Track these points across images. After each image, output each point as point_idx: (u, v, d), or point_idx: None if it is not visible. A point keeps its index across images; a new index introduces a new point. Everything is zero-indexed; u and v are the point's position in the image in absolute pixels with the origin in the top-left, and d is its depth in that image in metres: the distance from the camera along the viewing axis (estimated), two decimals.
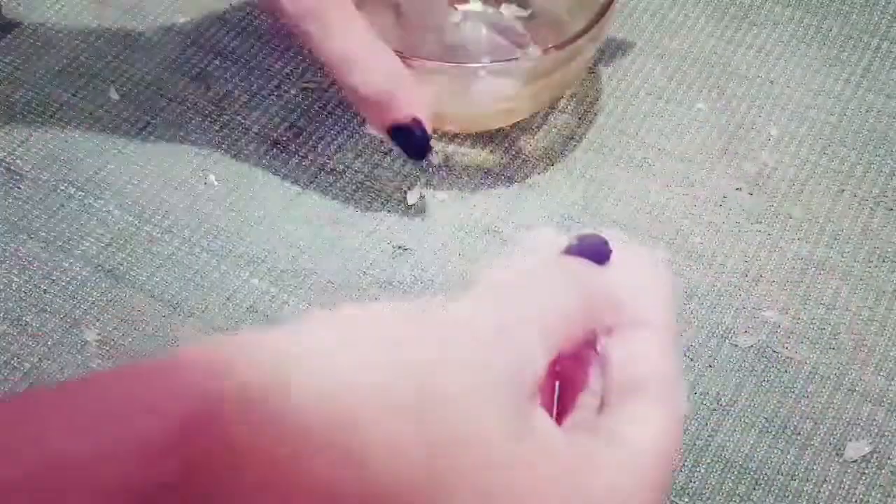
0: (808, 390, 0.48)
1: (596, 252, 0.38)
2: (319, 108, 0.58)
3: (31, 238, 0.53)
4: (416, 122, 0.51)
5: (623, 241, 0.39)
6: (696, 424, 0.47)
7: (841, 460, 0.46)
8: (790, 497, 0.45)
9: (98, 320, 0.50)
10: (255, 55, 0.61)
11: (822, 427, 0.47)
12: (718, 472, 0.46)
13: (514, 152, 0.57)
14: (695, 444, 0.47)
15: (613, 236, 0.39)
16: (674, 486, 0.46)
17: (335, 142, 0.57)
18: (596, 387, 0.34)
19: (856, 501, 0.45)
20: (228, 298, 0.52)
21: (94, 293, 0.51)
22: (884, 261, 0.53)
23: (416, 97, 0.51)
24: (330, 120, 0.58)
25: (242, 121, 0.58)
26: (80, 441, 0.26)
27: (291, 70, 0.60)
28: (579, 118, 0.58)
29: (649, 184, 0.56)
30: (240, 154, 0.56)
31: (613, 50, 0.61)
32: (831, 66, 0.60)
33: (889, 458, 0.46)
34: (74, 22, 0.61)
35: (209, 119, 0.58)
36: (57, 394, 0.27)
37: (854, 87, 0.59)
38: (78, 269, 0.52)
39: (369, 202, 0.55)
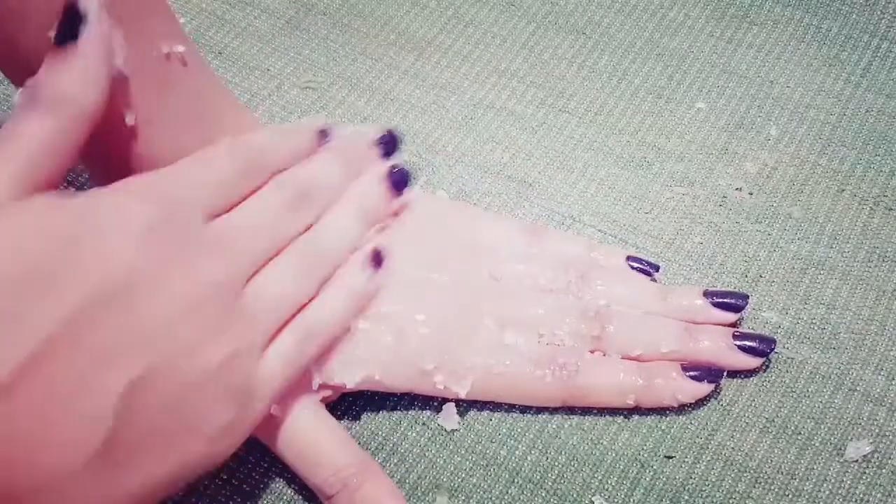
0: (809, 390, 0.48)
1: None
2: (319, 108, 0.59)
3: None
4: None
5: None
6: (696, 423, 0.47)
7: (841, 460, 0.46)
8: (790, 496, 0.45)
9: None
10: (255, 55, 0.61)
11: (822, 427, 0.47)
12: (718, 470, 0.46)
13: (513, 152, 0.57)
14: (694, 442, 0.47)
15: None
16: (672, 483, 0.46)
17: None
18: None
19: (856, 501, 0.45)
20: None
21: None
22: (884, 260, 0.53)
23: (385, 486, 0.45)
24: (330, 120, 0.58)
25: None
26: None
27: (291, 70, 0.60)
28: (579, 118, 0.58)
29: (649, 184, 0.56)
30: None
31: (613, 50, 0.61)
32: (831, 66, 0.60)
33: (890, 458, 0.46)
34: None
35: None
36: None
37: (854, 87, 0.59)
38: None
39: None
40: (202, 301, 0.38)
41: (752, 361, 0.48)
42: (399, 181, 0.49)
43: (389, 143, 0.49)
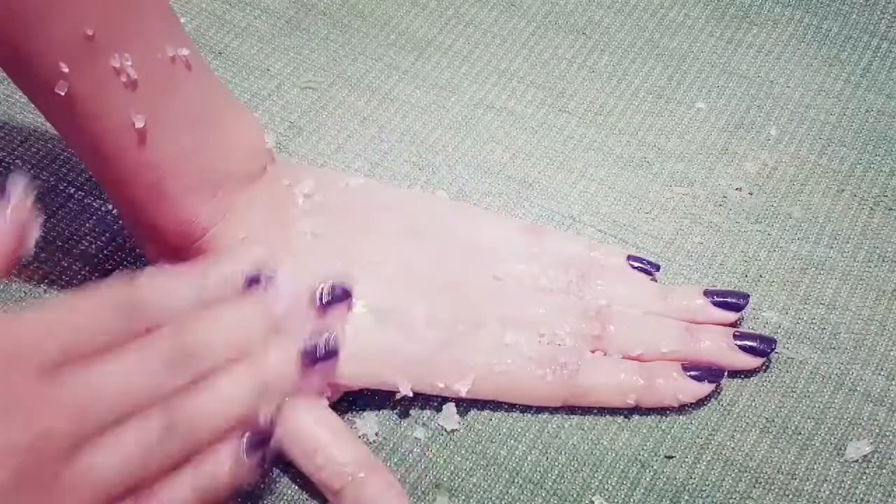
0: (809, 390, 0.48)
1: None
2: (319, 108, 0.59)
3: None
4: None
5: None
6: (696, 423, 0.47)
7: (842, 460, 0.46)
8: (790, 496, 0.45)
9: None
10: (255, 55, 0.61)
11: (822, 427, 0.47)
12: (718, 470, 0.46)
13: (513, 152, 0.57)
14: (695, 443, 0.47)
15: None
16: (672, 483, 0.46)
17: (335, 142, 0.57)
18: None
19: (856, 501, 0.45)
20: None
21: None
22: (884, 260, 0.53)
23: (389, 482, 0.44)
24: (330, 120, 0.58)
25: None
26: None
27: (291, 70, 0.60)
28: (579, 118, 0.58)
29: (649, 184, 0.56)
30: None
31: (613, 50, 0.61)
32: (831, 66, 0.61)
33: (890, 459, 0.46)
34: None
35: None
36: None
37: (854, 87, 0.59)
38: (78, 268, 0.52)
39: None
40: (8, 457, 0.33)
41: (753, 361, 0.48)
42: (319, 356, 0.42)
43: (334, 298, 0.44)
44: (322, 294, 0.44)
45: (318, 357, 0.42)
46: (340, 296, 0.45)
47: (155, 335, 0.38)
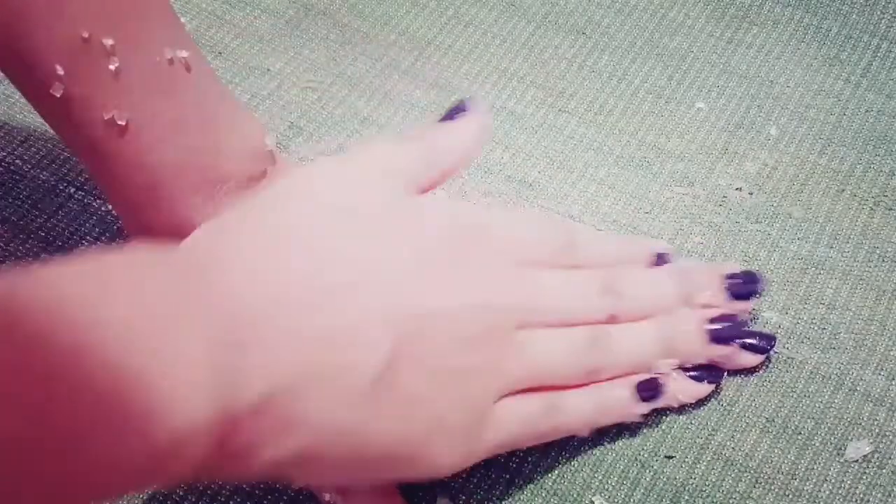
0: (809, 390, 0.48)
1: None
2: (319, 108, 0.59)
3: (31, 238, 0.53)
4: None
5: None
6: (696, 423, 0.47)
7: (842, 460, 0.46)
8: (790, 496, 0.45)
9: None
10: (255, 55, 0.61)
11: (822, 427, 0.47)
12: (718, 470, 0.46)
13: (513, 152, 0.57)
14: (695, 443, 0.47)
15: None
16: (672, 483, 0.46)
17: (335, 142, 0.57)
18: None
19: (856, 501, 0.45)
20: None
21: None
22: (884, 260, 0.53)
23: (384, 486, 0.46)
24: (330, 120, 0.58)
25: None
26: None
27: (291, 70, 0.60)
28: (579, 118, 0.58)
29: (649, 184, 0.56)
30: None
31: (613, 50, 0.61)
32: (831, 66, 0.60)
33: (890, 459, 0.46)
34: None
35: None
36: None
37: (854, 87, 0.59)
38: None
39: None
40: (481, 311, 0.40)
41: (753, 359, 0.48)
42: (722, 336, 0.46)
43: (742, 285, 0.48)
44: (731, 275, 0.48)
45: (721, 337, 0.46)
46: (753, 290, 0.48)
47: (593, 270, 0.45)
